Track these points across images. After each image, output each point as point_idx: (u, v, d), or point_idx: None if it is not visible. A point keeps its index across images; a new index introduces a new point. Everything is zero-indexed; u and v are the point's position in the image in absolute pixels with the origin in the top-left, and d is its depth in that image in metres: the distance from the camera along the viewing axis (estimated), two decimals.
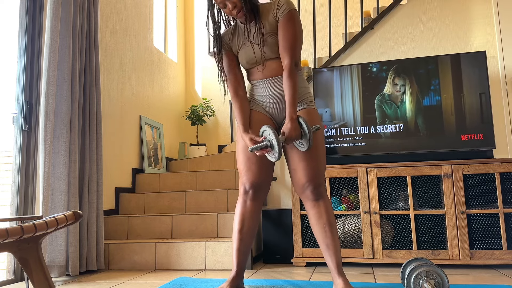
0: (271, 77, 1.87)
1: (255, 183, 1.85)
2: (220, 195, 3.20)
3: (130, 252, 2.75)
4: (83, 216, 2.56)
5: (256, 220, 1.91)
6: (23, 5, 2.65)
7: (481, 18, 3.07)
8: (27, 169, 2.56)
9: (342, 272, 1.78)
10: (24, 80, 2.59)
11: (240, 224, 1.88)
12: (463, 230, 2.45)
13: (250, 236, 1.89)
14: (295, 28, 1.80)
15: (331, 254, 1.79)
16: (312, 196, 1.82)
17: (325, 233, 1.80)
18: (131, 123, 3.70)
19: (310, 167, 1.80)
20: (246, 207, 1.88)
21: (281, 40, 1.81)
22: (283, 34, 1.80)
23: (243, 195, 1.89)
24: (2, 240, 1.19)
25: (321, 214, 1.81)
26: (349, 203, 2.69)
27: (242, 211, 1.88)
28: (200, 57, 5.11)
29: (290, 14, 1.81)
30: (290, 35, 1.79)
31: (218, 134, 4.90)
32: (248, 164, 1.86)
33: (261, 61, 1.88)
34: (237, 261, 1.87)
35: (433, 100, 2.72)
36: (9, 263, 2.44)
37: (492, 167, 2.47)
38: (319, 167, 1.82)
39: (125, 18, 3.72)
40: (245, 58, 1.90)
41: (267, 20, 1.85)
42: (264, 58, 1.86)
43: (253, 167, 1.85)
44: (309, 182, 1.80)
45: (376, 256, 2.55)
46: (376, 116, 2.79)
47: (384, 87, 2.81)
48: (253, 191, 1.86)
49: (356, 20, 4.66)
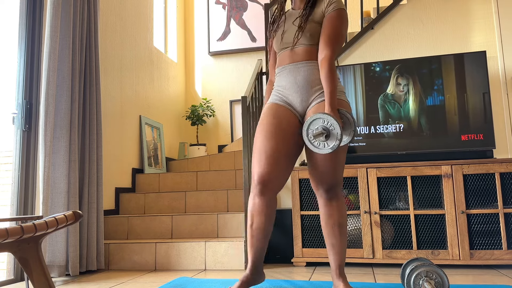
0: (297, 62, 1.84)
1: (263, 177, 1.74)
2: (220, 195, 3.20)
3: (130, 252, 2.75)
4: (83, 216, 2.56)
5: (267, 218, 1.78)
6: (23, 5, 2.65)
7: (481, 18, 3.07)
8: (27, 169, 2.56)
9: (343, 273, 1.77)
10: (24, 80, 2.59)
11: (250, 219, 1.80)
12: (463, 230, 2.45)
13: (261, 233, 1.78)
14: (341, 25, 1.80)
15: (335, 254, 1.78)
16: (325, 195, 1.79)
17: (333, 233, 1.78)
18: (131, 123, 3.70)
19: (329, 167, 1.74)
20: (255, 203, 1.79)
21: (326, 32, 1.79)
22: (329, 27, 1.79)
23: (253, 189, 1.79)
24: (2, 240, 1.19)
25: (332, 213, 1.78)
26: (349, 203, 2.69)
27: (251, 207, 1.80)
28: (200, 57, 5.11)
29: (340, 12, 1.81)
30: (336, 30, 1.79)
31: (218, 134, 4.90)
32: (260, 155, 1.77)
33: (291, 44, 1.86)
34: (251, 257, 1.80)
35: (436, 100, 2.72)
36: (9, 263, 2.44)
37: (492, 167, 2.47)
38: (338, 167, 1.77)
39: (125, 18, 3.72)
40: (278, 39, 1.90)
41: (314, 10, 1.86)
42: (296, 42, 1.84)
43: (265, 160, 1.75)
44: (325, 182, 1.77)
45: (376, 256, 2.55)
46: (379, 115, 2.79)
47: (387, 87, 2.80)
48: (260, 187, 1.76)
49: (356, 20, 4.65)
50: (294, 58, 1.86)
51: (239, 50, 4.97)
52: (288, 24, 1.90)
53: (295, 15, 1.91)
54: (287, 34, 1.88)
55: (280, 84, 1.88)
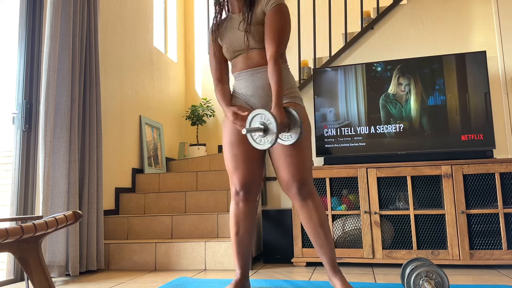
0: (254, 67, 1.84)
1: (245, 182, 1.80)
2: (220, 195, 3.20)
3: (130, 252, 2.75)
4: (83, 216, 2.56)
5: (252, 221, 1.85)
6: (23, 5, 2.65)
7: (481, 18, 3.07)
8: (27, 169, 2.56)
9: (338, 269, 1.76)
10: (24, 80, 2.59)
11: (236, 227, 1.84)
12: (463, 230, 2.45)
13: (247, 237, 1.85)
14: (282, 20, 1.78)
15: (325, 253, 1.76)
16: (299, 195, 1.75)
17: (318, 235, 1.76)
18: (131, 123, 3.70)
19: (295, 163, 1.73)
20: (239, 209, 1.83)
21: (267, 31, 1.78)
22: (270, 25, 1.78)
23: (234, 197, 1.84)
24: (2, 240, 1.19)
25: (310, 215, 1.75)
26: (349, 203, 2.69)
27: (236, 214, 1.84)
28: (200, 57, 5.11)
29: (278, 7, 1.79)
30: (276, 26, 1.77)
31: (218, 134, 4.90)
32: (235, 162, 1.81)
33: (244, 50, 1.85)
34: (239, 263, 1.84)
35: (438, 100, 2.72)
36: (9, 263, 2.44)
37: (492, 167, 2.47)
38: (304, 162, 1.75)
39: (125, 18, 3.72)
40: (228, 46, 1.88)
41: (254, 11, 1.84)
42: (248, 47, 1.83)
43: (241, 165, 1.80)
44: (293, 179, 1.73)
45: (376, 256, 2.55)
46: (381, 115, 2.79)
47: (388, 86, 2.80)
48: (243, 192, 1.81)
49: (356, 20, 4.66)
50: (249, 64, 1.86)
51: None
52: (233, 30, 1.87)
53: (236, 19, 1.88)
54: (236, 41, 1.85)
55: (240, 91, 1.89)
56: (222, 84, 1.91)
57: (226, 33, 1.89)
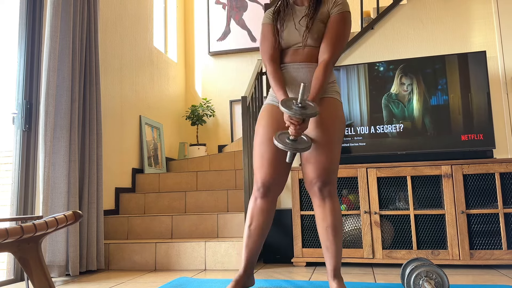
0: (298, 62, 1.86)
1: (266, 181, 1.81)
2: (220, 195, 3.20)
3: (130, 252, 2.75)
4: (83, 216, 2.56)
5: (266, 219, 1.84)
6: (23, 5, 2.65)
7: (481, 18, 3.07)
8: (27, 169, 2.56)
9: (339, 275, 1.76)
10: (24, 80, 2.59)
11: (250, 220, 1.84)
12: (463, 230, 2.45)
13: (258, 234, 1.83)
14: (344, 29, 1.81)
15: (330, 257, 1.77)
16: (319, 194, 1.78)
17: (327, 235, 1.77)
18: (131, 123, 3.70)
19: (321, 163, 1.75)
20: (256, 204, 1.84)
21: (328, 35, 1.80)
22: (331, 30, 1.80)
23: (255, 192, 1.85)
24: (2, 240, 1.19)
25: (325, 215, 1.77)
26: (349, 203, 2.69)
27: (252, 207, 1.85)
28: (200, 57, 5.11)
29: (344, 14, 1.81)
30: (338, 33, 1.79)
31: (218, 134, 4.90)
32: (261, 160, 1.82)
33: (298, 44, 1.86)
34: (245, 257, 1.84)
35: (440, 99, 2.72)
36: (9, 263, 2.44)
37: (492, 167, 2.47)
38: (330, 164, 1.76)
39: (125, 18, 3.72)
40: (286, 37, 1.87)
41: (320, 10, 1.85)
42: (305, 44, 1.84)
43: (266, 164, 1.81)
44: (317, 178, 1.76)
45: (376, 256, 2.55)
46: (383, 115, 2.79)
47: (391, 86, 2.80)
48: (263, 190, 1.82)
49: (356, 20, 4.66)
50: (297, 58, 1.86)
51: (239, 50, 4.97)
52: (293, 22, 1.87)
53: (299, 12, 1.88)
54: (293, 35, 1.86)
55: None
56: (277, 65, 1.88)
57: (285, 23, 1.89)
